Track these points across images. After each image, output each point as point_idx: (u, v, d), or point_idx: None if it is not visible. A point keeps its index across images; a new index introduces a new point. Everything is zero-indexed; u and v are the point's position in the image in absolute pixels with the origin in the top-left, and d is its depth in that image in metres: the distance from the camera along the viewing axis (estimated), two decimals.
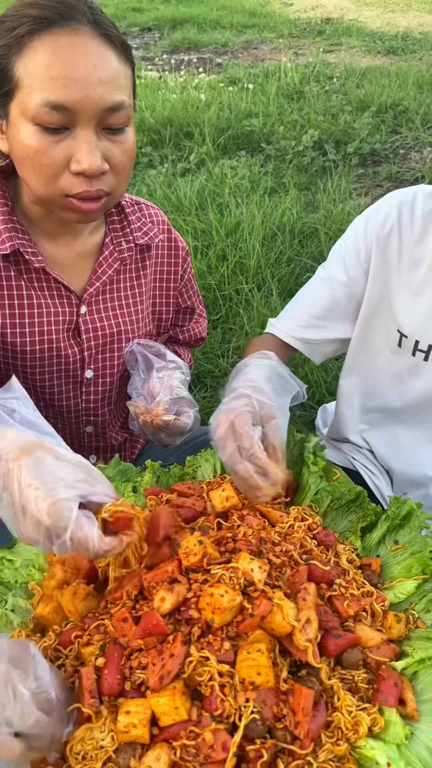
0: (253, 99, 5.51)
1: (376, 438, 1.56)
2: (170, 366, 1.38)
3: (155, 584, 0.89)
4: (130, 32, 9.30)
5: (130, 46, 1.14)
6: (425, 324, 1.32)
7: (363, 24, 9.38)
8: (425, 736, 0.84)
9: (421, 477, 1.49)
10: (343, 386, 1.57)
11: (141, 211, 1.44)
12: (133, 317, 1.43)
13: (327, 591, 0.96)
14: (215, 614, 0.84)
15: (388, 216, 1.33)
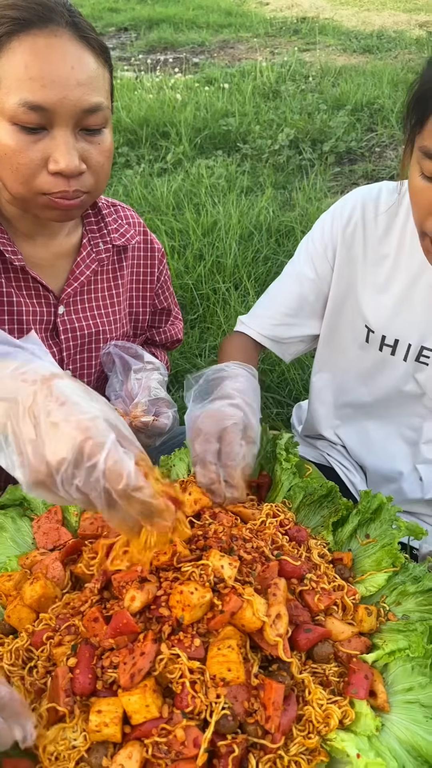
0: (230, 98, 5.51)
1: (349, 434, 1.57)
2: (148, 367, 1.38)
3: (125, 583, 0.90)
4: (107, 32, 9.27)
5: (108, 49, 1.15)
6: (391, 319, 1.33)
7: (338, 23, 9.43)
8: (396, 727, 0.85)
9: (392, 472, 1.50)
10: (314, 383, 1.58)
11: (117, 212, 1.45)
12: (110, 317, 1.44)
13: (298, 586, 0.96)
14: (185, 611, 0.84)
15: (352, 213, 1.34)
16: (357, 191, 1.37)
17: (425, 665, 0.90)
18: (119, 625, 0.83)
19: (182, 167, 4.31)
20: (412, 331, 1.32)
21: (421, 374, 1.35)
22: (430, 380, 1.34)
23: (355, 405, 1.52)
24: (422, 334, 1.31)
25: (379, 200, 1.33)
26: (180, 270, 2.96)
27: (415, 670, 0.90)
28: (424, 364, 1.33)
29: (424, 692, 0.88)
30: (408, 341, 1.33)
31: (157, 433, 1.33)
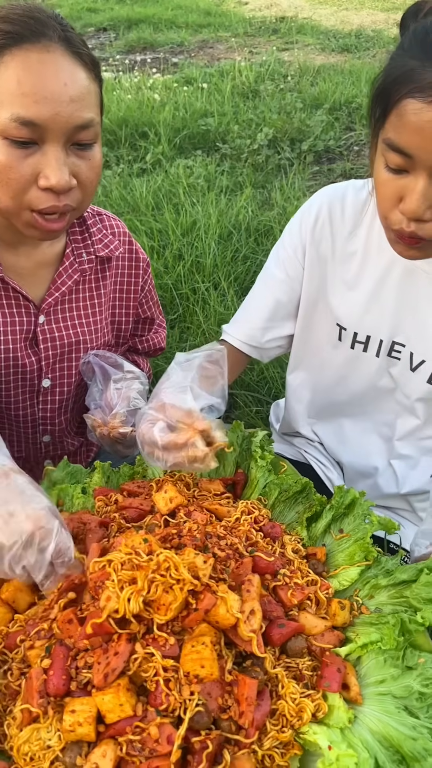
0: (209, 98, 5.52)
1: (325, 431, 1.59)
2: (128, 376, 1.38)
3: (101, 583, 0.90)
4: (86, 33, 9.23)
5: (99, 63, 1.15)
6: (362, 316, 1.34)
7: (317, 22, 9.46)
8: (368, 719, 0.87)
9: (368, 467, 1.52)
10: (290, 381, 1.59)
11: (102, 222, 1.44)
12: (91, 327, 1.43)
13: (272, 581, 0.97)
14: (160, 611, 0.85)
15: (319, 213, 1.35)
16: (323, 191, 1.38)
17: (397, 657, 0.91)
18: (94, 625, 0.84)
19: (161, 167, 4.31)
20: (382, 327, 1.33)
21: (394, 369, 1.37)
22: (402, 374, 1.36)
23: (330, 402, 1.53)
24: (392, 329, 1.32)
25: (345, 199, 1.34)
26: (159, 270, 2.96)
27: (387, 663, 0.91)
28: (396, 359, 1.35)
29: (396, 684, 0.89)
30: (379, 337, 1.34)
31: (135, 444, 1.33)
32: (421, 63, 0.94)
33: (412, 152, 0.97)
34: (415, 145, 0.97)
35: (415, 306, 1.29)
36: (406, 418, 1.42)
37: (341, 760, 0.78)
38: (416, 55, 0.95)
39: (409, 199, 1.01)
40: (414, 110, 0.94)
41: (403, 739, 0.82)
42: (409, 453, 1.46)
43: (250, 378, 2.42)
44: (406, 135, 0.97)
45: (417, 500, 1.51)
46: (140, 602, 0.83)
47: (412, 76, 0.94)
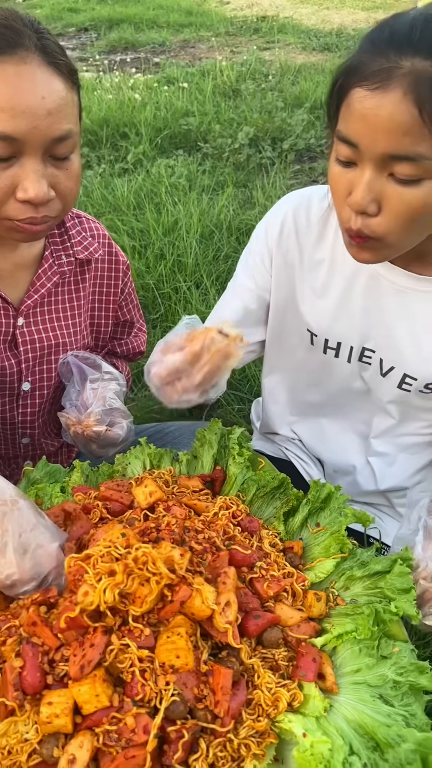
0: (190, 98, 5.53)
1: (303, 429, 1.60)
2: (105, 377, 1.38)
3: (80, 577, 0.91)
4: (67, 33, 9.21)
5: (77, 71, 1.14)
6: (332, 323, 1.34)
7: (298, 21, 9.50)
8: (344, 707, 0.88)
9: (347, 465, 1.53)
10: (266, 385, 1.60)
11: (81, 224, 1.44)
12: (71, 330, 1.43)
13: (248, 574, 0.99)
14: (135, 603, 0.86)
15: (284, 222, 1.35)
16: (287, 199, 1.37)
17: (372, 647, 0.93)
18: (68, 620, 0.84)
19: (143, 167, 4.31)
20: (352, 334, 1.33)
21: (365, 373, 1.37)
22: (373, 379, 1.36)
23: (307, 403, 1.54)
24: (362, 335, 1.32)
25: (310, 207, 1.33)
26: (141, 270, 2.97)
27: (362, 652, 0.93)
28: (367, 364, 1.35)
29: (371, 673, 0.91)
30: (350, 344, 1.34)
31: (110, 444, 1.33)
32: (369, 55, 0.95)
33: (357, 141, 0.97)
34: (359, 134, 0.96)
35: (382, 314, 1.29)
36: (382, 416, 1.44)
37: (315, 747, 0.80)
38: (366, 49, 0.97)
39: (355, 191, 1.01)
40: (359, 98, 0.95)
41: (378, 726, 0.84)
42: (385, 450, 1.48)
43: (231, 377, 2.43)
44: (352, 124, 0.97)
45: (395, 496, 1.52)
46: (116, 594, 0.84)
47: (359, 67, 0.96)
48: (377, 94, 0.93)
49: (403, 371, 1.29)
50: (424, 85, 0.90)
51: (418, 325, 1.25)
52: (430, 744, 0.81)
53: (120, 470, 1.28)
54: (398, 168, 0.96)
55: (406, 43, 0.92)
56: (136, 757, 0.77)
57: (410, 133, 0.92)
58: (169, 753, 0.79)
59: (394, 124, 0.92)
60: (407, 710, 0.86)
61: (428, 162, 0.94)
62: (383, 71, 0.92)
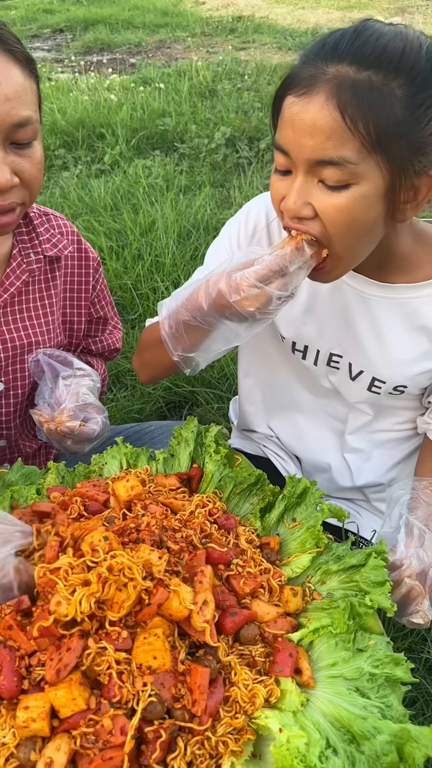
0: (166, 98, 5.52)
1: (280, 427, 1.60)
2: (78, 373, 1.37)
3: (50, 588, 0.90)
4: (42, 34, 9.16)
5: (34, 60, 1.14)
6: (299, 327, 1.35)
7: (274, 21, 9.52)
8: (320, 701, 0.88)
9: (323, 462, 1.54)
10: (242, 386, 1.60)
11: (49, 222, 1.43)
12: (44, 328, 1.43)
13: (225, 571, 0.99)
14: (113, 609, 0.86)
15: (257, 222, 1.35)
16: (259, 199, 1.38)
17: (348, 640, 0.93)
18: (41, 629, 0.84)
19: (120, 168, 4.30)
20: (319, 339, 1.34)
21: (333, 377, 1.38)
22: (341, 382, 1.37)
23: (283, 402, 1.54)
24: (329, 341, 1.33)
25: None
26: (119, 270, 2.96)
27: (338, 646, 0.93)
28: (335, 368, 1.36)
29: (347, 666, 0.91)
30: (316, 347, 1.35)
31: (84, 439, 1.33)
32: (301, 65, 0.98)
33: (287, 148, 0.99)
34: (289, 140, 0.98)
35: (348, 320, 1.29)
36: (356, 413, 1.44)
37: (292, 741, 0.80)
38: (301, 60, 1.00)
39: (287, 197, 1.02)
40: (288, 105, 0.98)
41: (354, 719, 0.84)
42: (361, 447, 1.49)
43: (210, 375, 2.44)
44: (283, 131, 0.99)
45: (371, 492, 1.53)
46: (92, 603, 0.84)
47: (291, 76, 0.99)
48: (303, 99, 0.95)
49: (372, 375, 1.30)
50: (346, 89, 0.92)
51: (383, 329, 1.26)
52: (406, 735, 0.81)
53: (96, 470, 1.27)
54: (325, 173, 0.97)
55: (332, 51, 0.94)
56: (113, 758, 0.77)
57: (333, 136, 0.93)
58: (147, 753, 0.79)
59: (317, 128, 0.94)
60: (383, 702, 0.87)
61: (353, 166, 0.95)
62: (309, 78, 0.95)
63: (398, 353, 1.27)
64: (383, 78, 0.91)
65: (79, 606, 0.84)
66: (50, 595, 0.87)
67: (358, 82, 0.92)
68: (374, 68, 0.92)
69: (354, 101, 0.91)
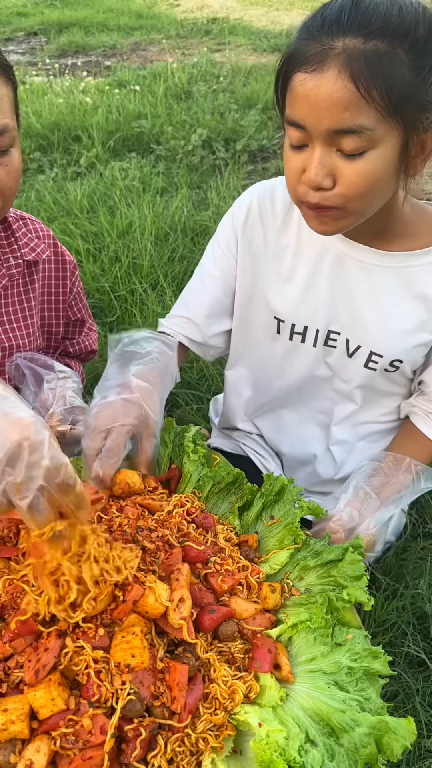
0: (142, 100, 5.51)
1: (264, 422, 1.61)
2: (60, 376, 1.37)
3: (17, 596, 0.90)
4: (16, 37, 9.10)
5: (11, 66, 1.14)
6: (298, 307, 1.37)
7: (248, 23, 9.54)
8: (300, 696, 0.89)
9: (307, 455, 1.55)
10: (229, 376, 1.61)
11: (27, 226, 1.43)
12: (23, 332, 1.42)
13: (203, 569, 0.99)
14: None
15: (249, 209, 1.38)
16: (253, 187, 1.42)
17: (326, 635, 0.94)
18: (19, 623, 0.84)
19: (96, 170, 4.28)
20: (318, 317, 1.36)
21: (330, 358, 1.40)
22: (339, 361, 1.39)
23: (269, 395, 1.56)
24: (328, 318, 1.36)
25: (275, 194, 1.38)
26: (96, 273, 2.95)
27: (317, 641, 0.94)
28: (332, 347, 1.38)
29: (326, 660, 0.92)
30: (316, 327, 1.38)
31: (74, 442, 1.32)
32: (305, 42, 1.01)
33: (303, 122, 1.03)
34: (305, 115, 1.02)
35: (348, 293, 1.32)
36: (343, 404, 1.47)
37: (271, 736, 0.81)
38: (302, 36, 1.02)
39: (308, 169, 1.06)
40: (299, 82, 1.01)
41: (333, 712, 0.85)
42: (346, 438, 1.51)
43: (189, 376, 2.44)
44: (297, 107, 1.03)
45: None
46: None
47: (297, 53, 1.01)
48: (315, 75, 0.98)
49: (369, 349, 1.33)
50: (357, 61, 0.96)
51: (383, 300, 1.30)
52: (384, 726, 0.83)
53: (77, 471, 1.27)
54: (344, 142, 1.01)
55: (336, 25, 0.98)
56: (93, 757, 0.77)
57: (349, 107, 0.98)
58: (128, 751, 0.79)
59: (334, 100, 0.98)
60: (362, 695, 0.88)
61: (370, 132, 1.00)
62: (318, 54, 0.98)
63: (397, 323, 1.30)
64: (389, 46, 0.96)
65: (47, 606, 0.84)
66: (19, 600, 0.88)
67: (367, 53, 0.96)
68: (379, 37, 0.96)
69: (366, 71, 0.95)
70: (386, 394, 1.44)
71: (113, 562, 0.87)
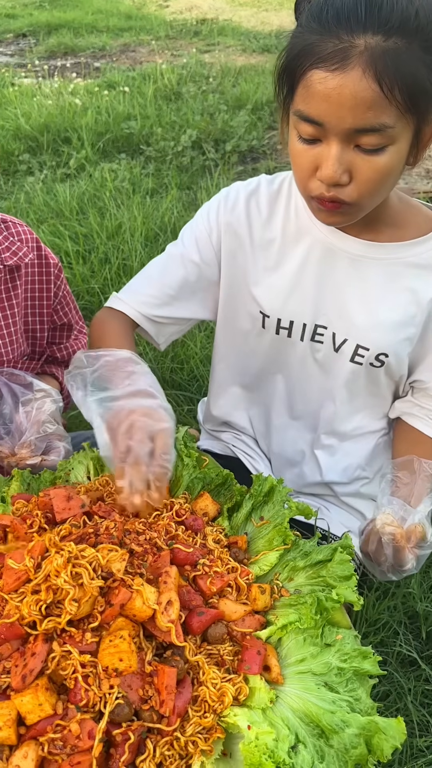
0: (131, 102, 5.50)
1: (254, 417, 1.61)
2: (38, 396, 1.34)
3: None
4: (5, 39, 9.07)
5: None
6: (284, 302, 1.36)
7: (237, 24, 9.54)
8: (289, 697, 0.89)
9: (296, 453, 1.54)
10: (216, 372, 1.59)
11: (8, 229, 1.41)
12: (6, 339, 1.41)
13: (191, 572, 0.99)
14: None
15: (235, 205, 1.37)
16: (237, 183, 1.41)
17: (316, 635, 0.94)
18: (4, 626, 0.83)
19: (86, 172, 4.27)
20: (305, 311, 1.35)
21: (318, 354, 1.39)
22: (327, 357, 1.38)
23: (256, 393, 1.55)
24: (314, 313, 1.35)
25: (259, 190, 1.37)
26: (86, 275, 2.94)
27: (306, 641, 0.94)
28: (320, 342, 1.37)
29: (315, 661, 0.92)
30: (302, 321, 1.36)
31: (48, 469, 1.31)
32: (320, 36, 0.99)
33: (323, 120, 1.02)
34: (324, 113, 1.01)
35: (336, 285, 1.32)
36: (329, 405, 1.46)
37: (260, 738, 0.80)
38: (315, 29, 1.00)
39: (325, 165, 1.06)
40: (319, 80, 0.99)
41: (322, 714, 0.85)
42: (330, 442, 1.50)
43: (180, 377, 2.43)
44: (314, 104, 1.02)
45: (339, 487, 1.54)
46: (42, 609, 0.84)
47: (313, 49, 1.00)
48: (337, 74, 0.97)
49: (356, 342, 1.32)
50: (380, 60, 0.95)
51: (371, 292, 1.29)
52: (374, 727, 0.82)
53: (63, 476, 1.26)
54: (364, 139, 1.02)
55: (354, 21, 0.96)
56: (81, 762, 0.77)
57: (373, 107, 0.98)
58: (116, 756, 0.79)
59: (358, 100, 0.97)
60: (352, 696, 0.88)
61: (391, 130, 1.01)
62: (339, 52, 0.97)
63: (384, 315, 1.29)
64: (407, 42, 0.96)
65: (29, 609, 0.84)
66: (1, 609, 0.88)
67: (388, 52, 0.95)
68: (399, 34, 0.95)
69: (389, 70, 0.95)
70: (371, 395, 1.42)
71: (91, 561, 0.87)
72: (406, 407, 1.42)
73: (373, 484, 1.53)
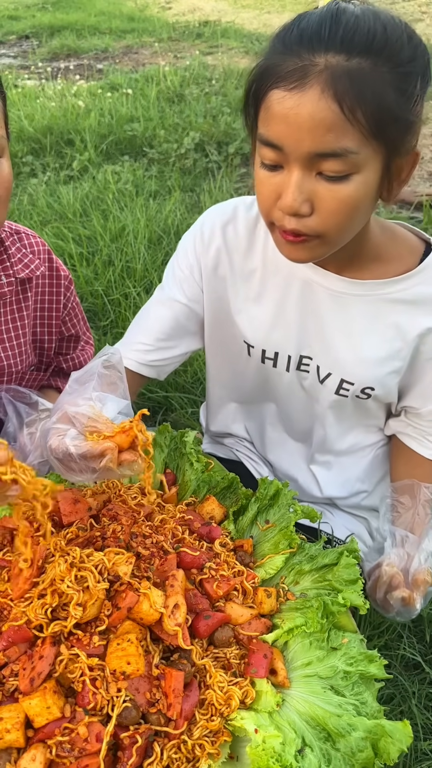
0: (134, 104, 5.51)
1: (252, 430, 1.60)
2: (42, 416, 1.33)
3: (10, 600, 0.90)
4: (7, 41, 9.09)
5: (0, 77, 1.13)
6: (268, 333, 1.33)
7: (240, 26, 9.56)
8: (296, 701, 0.89)
9: (292, 467, 1.53)
10: (211, 391, 1.59)
11: (21, 241, 1.40)
12: (15, 351, 1.40)
13: (198, 575, 0.99)
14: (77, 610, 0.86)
15: (212, 236, 1.32)
16: (213, 210, 1.36)
17: (322, 639, 0.94)
18: (10, 634, 0.84)
19: (89, 174, 4.28)
20: (289, 343, 1.32)
21: (305, 382, 1.37)
22: (313, 387, 1.36)
23: (249, 413, 1.54)
24: (298, 344, 1.32)
25: (237, 217, 1.32)
26: (89, 277, 2.95)
27: (313, 645, 0.94)
28: (306, 372, 1.35)
29: (322, 665, 0.92)
30: (287, 353, 1.33)
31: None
32: (282, 55, 0.94)
33: (281, 143, 0.97)
34: (282, 135, 0.96)
35: (318, 320, 1.28)
36: (317, 429, 1.43)
37: (267, 741, 0.81)
38: (277, 50, 0.96)
39: (285, 194, 1.00)
40: (277, 99, 0.94)
41: (329, 717, 0.85)
42: (326, 459, 1.48)
43: (183, 380, 2.43)
44: (273, 126, 0.96)
45: (339, 501, 1.53)
46: (48, 613, 0.84)
47: (274, 69, 0.95)
48: (295, 93, 0.92)
49: (340, 376, 1.29)
50: (341, 79, 0.90)
51: (354, 328, 1.25)
52: (380, 730, 0.83)
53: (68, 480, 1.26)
54: (326, 165, 0.95)
55: (316, 40, 0.91)
56: (89, 765, 0.77)
57: (333, 129, 0.92)
58: (124, 759, 0.79)
59: (316, 121, 0.92)
60: (358, 699, 0.88)
61: (354, 156, 0.94)
62: (298, 70, 0.92)
63: (368, 351, 1.25)
64: (373, 63, 0.91)
65: (35, 612, 0.85)
66: (6, 612, 0.88)
67: (351, 71, 0.90)
68: (363, 55, 0.90)
69: (351, 91, 0.90)
70: (362, 417, 1.39)
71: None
72: (400, 426, 1.39)
73: (374, 497, 1.51)
